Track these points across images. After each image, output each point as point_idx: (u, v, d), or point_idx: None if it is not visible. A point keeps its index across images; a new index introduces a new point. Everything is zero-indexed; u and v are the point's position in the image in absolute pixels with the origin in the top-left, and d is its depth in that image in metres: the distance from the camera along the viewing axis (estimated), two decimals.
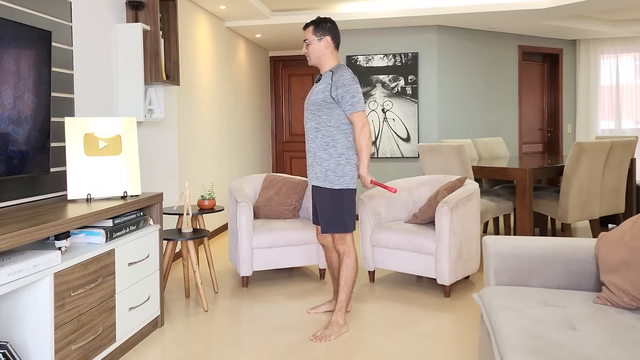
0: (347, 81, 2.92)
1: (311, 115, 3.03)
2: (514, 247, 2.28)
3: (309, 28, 3.04)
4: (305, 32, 3.06)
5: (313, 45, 3.02)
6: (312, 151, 3.06)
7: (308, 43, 3.03)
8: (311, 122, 3.03)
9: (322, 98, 2.97)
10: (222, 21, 6.04)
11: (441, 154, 4.57)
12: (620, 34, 7.19)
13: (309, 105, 3.04)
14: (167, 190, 4.54)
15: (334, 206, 3.02)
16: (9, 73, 2.42)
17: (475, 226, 3.82)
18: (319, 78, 3.02)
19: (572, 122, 7.68)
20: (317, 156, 3.03)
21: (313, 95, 3.02)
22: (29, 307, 2.17)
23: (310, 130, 3.05)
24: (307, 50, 3.05)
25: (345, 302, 3.08)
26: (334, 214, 3.03)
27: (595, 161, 4.57)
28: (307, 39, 3.03)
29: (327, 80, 2.98)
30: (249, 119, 7.04)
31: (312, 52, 3.03)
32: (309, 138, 3.07)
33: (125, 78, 3.68)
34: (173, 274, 4.36)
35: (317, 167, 3.05)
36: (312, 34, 3.02)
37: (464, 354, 2.75)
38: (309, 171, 3.12)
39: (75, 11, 3.22)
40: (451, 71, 6.47)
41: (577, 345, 1.64)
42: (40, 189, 2.88)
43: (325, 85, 2.97)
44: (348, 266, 3.07)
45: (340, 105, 2.96)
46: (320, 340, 2.92)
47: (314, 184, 3.09)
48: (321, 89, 2.98)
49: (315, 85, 3.06)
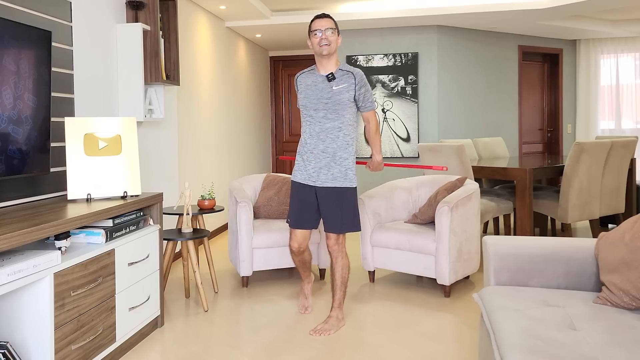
0: (366, 81, 3.00)
1: (333, 115, 2.95)
2: (514, 247, 2.28)
3: (331, 20, 2.95)
4: (325, 20, 2.93)
5: (335, 36, 2.95)
6: (330, 151, 2.97)
7: (333, 31, 2.93)
8: (333, 122, 2.96)
9: (348, 98, 2.95)
10: (222, 21, 6.04)
11: (441, 154, 4.57)
12: (620, 34, 7.19)
13: (331, 105, 2.94)
14: (167, 190, 4.54)
15: (351, 205, 3.02)
16: (9, 73, 2.42)
17: (475, 226, 3.82)
18: (332, 77, 2.95)
19: (572, 122, 7.68)
20: (338, 156, 2.97)
21: (335, 95, 2.93)
22: (29, 307, 2.17)
23: (330, 130, 2.96)
24: (327, 37, 2.91)
25: (343, 299, 3.14)
26: (350, 213, 3.02)
27: (595, 161, 4.57)
28: (330, 26, 2.92)
29: (349, 80, 2.96)
30: (249, 119, 7.04)
31: (334, 42, 2.94)
32: (329, 138, 2.96)
33: (125, 78, 3.68)
34: (173, 274, 4.36)
35: (335, 168, 2.98)
36: (335, 25, 2.96)
37: (464, 354, 2.75)
38: (319, 173, 2.99)
39: (75, 11, 3.22)
40: (451, 71, 6.48)
41: (577, 345, 1.64)
42: (40, 189, 2.88)
43: (349, 85, 2.95)
44: (344, 266, 3.10)
45: (362, 103, 3.00)
46: (319, 334, 2.97)
47: (329, 185, 2.99)
48: (344, 88, 2.94)
49: (329, 84, 2.95)
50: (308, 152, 3.02)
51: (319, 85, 2.98)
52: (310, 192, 3.04)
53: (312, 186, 3.03)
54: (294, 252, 3.19)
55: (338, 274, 3.10)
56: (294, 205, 3.10)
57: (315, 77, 3.02)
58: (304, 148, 3.05)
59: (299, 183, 3.08)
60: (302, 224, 3.09)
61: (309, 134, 3.02)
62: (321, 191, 3.01)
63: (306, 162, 3.03)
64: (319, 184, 3.00)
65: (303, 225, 3.09)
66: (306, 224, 3.09)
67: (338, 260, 3.09)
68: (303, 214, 3.07)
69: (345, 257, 3.11)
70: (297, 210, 3.08)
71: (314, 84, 3.00)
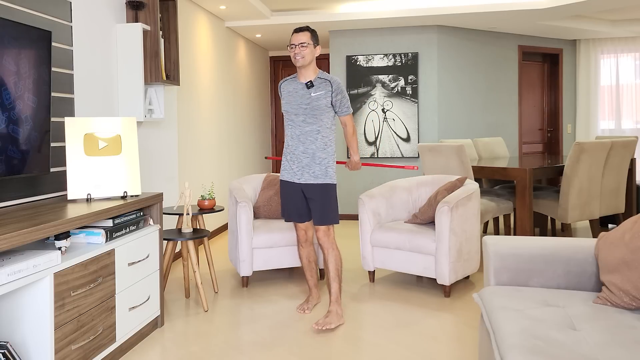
0: (343, 88, 3.29)
1: (312, 119, 3.23)
2: (514, 247, 2.28)
3: (306, 32, 3.22)
4: (301, 34, 3.21)
5: (309, 49, 3.20)
6: (310, 152, 3.24)
7: (305, 45, 3.19)
8: (312, 126, 3.23)
9: (325, 104, 3.22)
10: (222, 21, 6.04)
11: (441, 154, 4.57)
12: (620, 34, 7.19)
13: (310, 110, 3.21)
14: (167, 190, 4.54)
15: (333, 199, 3.29)
16: (9, 73, 2.42)
17: (475, 226, 3.82)
18: (311, 84, 3.20)
19: (572, 122, 7.68)
20: (317, 156, 3.24)
21: (313, 101, 3.20)
22: (29, 307, 2.17)
23: (309, 133, 3.24)
24: (300, 51, 3.18)
25: (339, 292, 3.29)
26: (332, 206, 3.28)
27: (595, 161, 4.57)
28: (304, 41, 3.19)
29: (326, 87, 3.22)
30: (249, 119, 7.04)
31: (308, 55, 3.20)
32: (308, 140, 3.23)
33: (125, 78, 3.68)
34: (173, 274, 4.36)
35: (316, 167, 3.24)
36: (310, 39, 3.22)
37: (464, 354, 2.75)
38: (302, 172, 3.25)
39: (75, 11, 3.22)
40: (451, 71, 6.48)
41: (577, 345, 1.64)
42: (40, 189, 2.88)
43: (326, 92, 3.22)
44: (336, 257, 3.29)
45: (338, 108, 3.27)
46: (322, 327, 3.07)
47: (312, 182, 3.24)
48: (321, 95, 3.21)
49: (308, 91, 3.21)
50: (290, 153, 3.30)
51: (299, 92, 3.25)
52: (297, 188, 3.29)
53: (298, 183, 3.28)
54: (301, 242, 3.41)
55: (332, 266, 3.27)
56: (284, 202, 3.37)
57: (296, 85, 3.27)
58: (286, 149, 3.33)
59: (285, 181, 3.34)
60: (295, 218, 3.35)
61: (290, 136, 3.30)
62: (306, 188, 3.27)
63: (290, 162, 3.31)
64: (303, 181, 3.26)
65: (297, 219, 3.35)
66: (299, 218, 3.35)
67: (330, 252, 3.29)
68: (294, 209, 3.33)
69: (336, 249, 3.31)
70: (288, 205, 3.35)
71: (295, 91, 3.26)
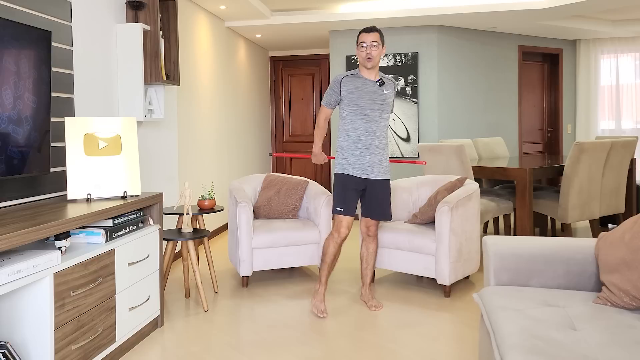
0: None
1: (386, 115, 3.36)
2: (514, 247, 2.28)
3: (376, 33, 3.27)
4: (372, 34, 3.25)
5: (379, 50, 3.27)
6: (382, 147, 3.36)
7: (376, 45, 3.24)
8: (385, 122, 3.37)
9: (392, 102, 3.42)
10: (222, 21, 6.04)
11: (441, 154, 4.57)
12: (620, 34, 7.19)
13: (385, 106, 3.32)
14: (167, 190, 4.54)
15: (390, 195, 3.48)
16: (9, 73, 2.42)
17: (475, 226, 3.82)
18: (382, 82, 3.31)
19: (572, 122, 7.68)
20: (385, 152, 3.39)
21: (387, 98, 3.33)
22: (29, 307, 2.17)
23: (383, 128, 3.35)
24: (372, 51, 3.23)
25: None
26: (390, 202, 3.46)
27: (595, 161, 4.57)
28: (377, 41, 3.24)
29: (391, 87, 3.39)
30: (249, 119, 7.04)
31: (378, 55, 3.27)
32: (382, 135, 3.35)
33: (125, 78, 3.68)
34: (173, 274, 4.36)
35: (385, 162, 3.39)
36: (379, 39, 3.27)
37: (464, 354, 2.75)
38: (373, 167, 3.33)
39: (75, 11, 3.22)
40: (451, 71, 6.47)
41: (577, 345, 1.64)
42: (40, 189, 2.88)
43: (393, 91, 3.40)
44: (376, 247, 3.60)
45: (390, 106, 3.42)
46: (379, 308, 3.41)
47: (383, 177, 3.37)
48: (390, 93, 3.37)
49: (380, 88, 3.30)
50: (363, 148, 3.31)
51: (370, 88, 3.30)
52: (361, 183, 3.34)
53: (365, 178, 3.33)
54: (343, 239, 3.39)
55: (375, 255, 3.57)
56: (346, 195, 3.34)
57: (364, 81, 3.31)
58: (356, 144, 3.31)
59: (350, 175, 3.33)
60: (354, 211, 3.38)
61: (364, 130, 3.30)
62: (374, 182, 3.35)
63: (360, 157, 3.31)
64: (372, 177, 3.34)
65: (354, 212, 3.38)
66: (354, 211, 3.40)
67: (376, 243, 3.55)
68: (354, 203, 3.36)
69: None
70: (350, 199, 3.34)
71: (365, 87, 3.30)
